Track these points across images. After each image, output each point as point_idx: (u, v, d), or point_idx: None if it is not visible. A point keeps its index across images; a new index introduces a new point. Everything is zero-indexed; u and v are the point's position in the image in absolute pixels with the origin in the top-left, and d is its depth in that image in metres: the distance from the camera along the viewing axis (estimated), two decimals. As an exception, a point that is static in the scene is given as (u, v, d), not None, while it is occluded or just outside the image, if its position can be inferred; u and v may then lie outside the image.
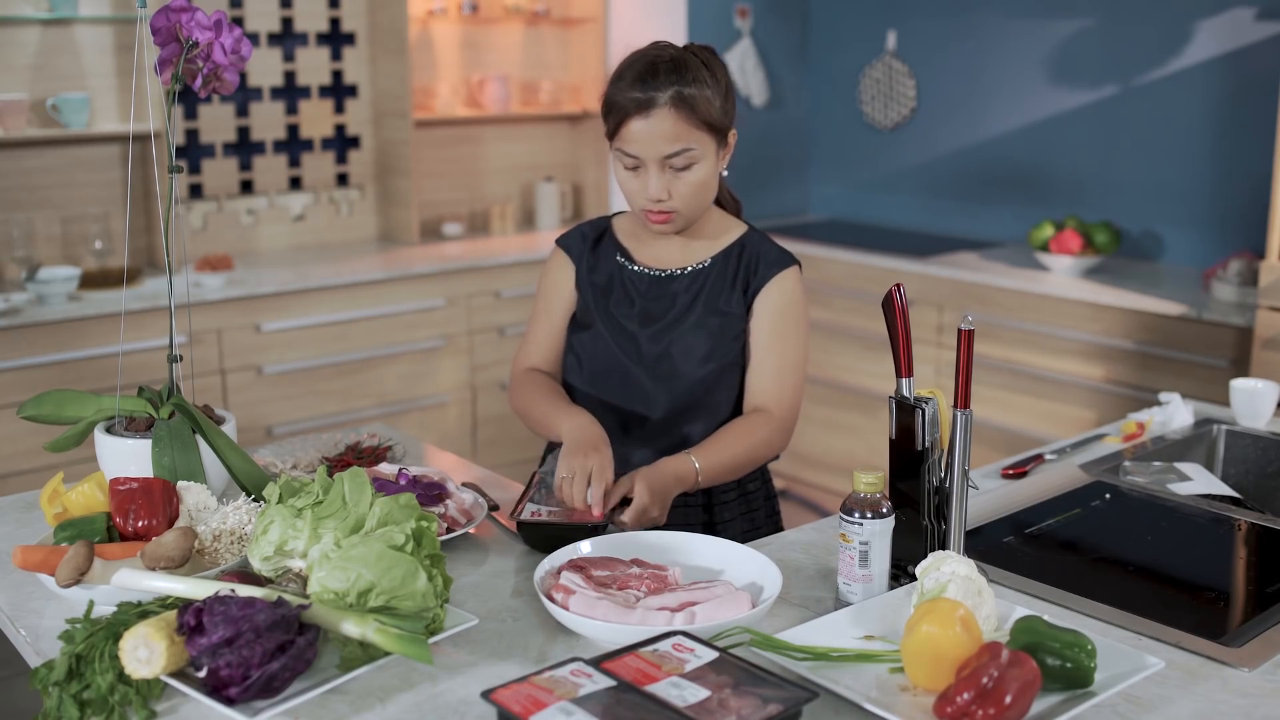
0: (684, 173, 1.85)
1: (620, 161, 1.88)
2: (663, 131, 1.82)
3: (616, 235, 2.05)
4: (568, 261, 2.05)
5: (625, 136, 1.85)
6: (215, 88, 1.82)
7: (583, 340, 2.00)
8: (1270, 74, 3.68)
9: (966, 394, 1.53)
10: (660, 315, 1.97)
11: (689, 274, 1.97)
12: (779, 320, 1.95)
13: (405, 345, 4.00)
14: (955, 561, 1.42)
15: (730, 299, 1.95)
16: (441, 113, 4.39)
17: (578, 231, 2.07)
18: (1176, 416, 2.33)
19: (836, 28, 5.02)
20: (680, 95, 1.82)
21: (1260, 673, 1.39)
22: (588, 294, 2.02)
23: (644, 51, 1.89)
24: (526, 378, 2.04)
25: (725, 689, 1.23)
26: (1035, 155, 4.38)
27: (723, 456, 1.87)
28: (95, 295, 3.52)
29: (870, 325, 4.15)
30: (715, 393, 1.95)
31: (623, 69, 1.88)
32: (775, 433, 1.92)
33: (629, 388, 1.96)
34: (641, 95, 1.82)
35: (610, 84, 1.88)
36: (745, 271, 1.96)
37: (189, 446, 1.75)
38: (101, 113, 3.84)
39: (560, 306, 2.05)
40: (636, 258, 2.01)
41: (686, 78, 1.83)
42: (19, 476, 3.31)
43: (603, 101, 1.90)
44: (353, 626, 1.32)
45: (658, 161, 1.84)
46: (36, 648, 1.46)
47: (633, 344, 1.96)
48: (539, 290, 2.09)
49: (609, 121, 1.88)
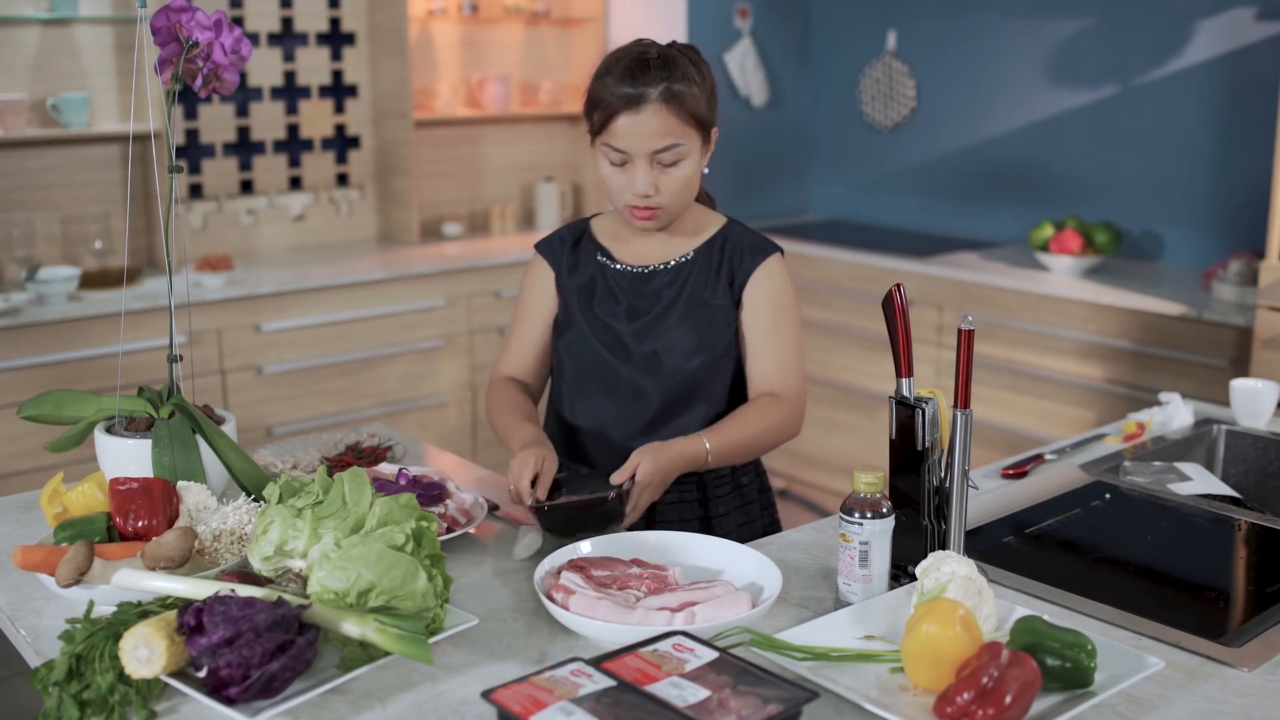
0: (671, 169, 1.86)
1: (606, 157, 1.88)
2: (652, 127, 1.82)
3: (596, 236, 2.04)
4: (546, 266, 2.05)
5: (613, 131, 1.84)
6: (215, 88, 1.82)
7: (568, 343, 2.00)
8: (1270, 74, 3.68)
9: (966, 394, 1.53)
10: (645, 311, 1.96)
11: (671, 268, 1.97)
12: (773, 308, 1.96)
13: (405, 345, 4.00)
14: (955, 561, 1.42)
15: (715, 291, 1.96)
16: (441, 113, 4.39)
17: (556, 236, 2.07)
18: (1176, 416, 2.33)
19: (837, 28, 5.02)
20: (670, 91, 1.82)
21: (1260, 673, 1.39)
22: (570, 296, 2.01)
23: (629, 49, 1.89)
24: (497, 389, 2.04)
25: (725, 689, 1.23)
26: (1035, 155, 4.38)
27: (735, 436, 1.88)
28: (95, 295, 3.52)
29: (870, 325, 4.15)
30: (709, 384, 1.95)
31: (609, 65, 1.87)
32: (788, 415, 1.94)
33: (619, 385, 1.96)
34: (632, 90, 1.82)
35: (595, 80, 1.88)
36: (729, 262, 1.97)
37: (189, 446, 1.75)
38: (101, 113, 3.84)
39: (540, 312, 2.05)
40: (617, 256, 2.01)
41: (675, 74, 1.83)
42: (19, 476, 3.30)
43: (587, 98, 1.89)
44: (353, 626, 1.32)
45: (646, 157, 1.84)
46: (36, 648, 1.46)
47: (619, 342, 1.96)
48: (519, 297, 2.09)
49: (594, 117, 1.88)
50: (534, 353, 2.06)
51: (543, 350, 2.06)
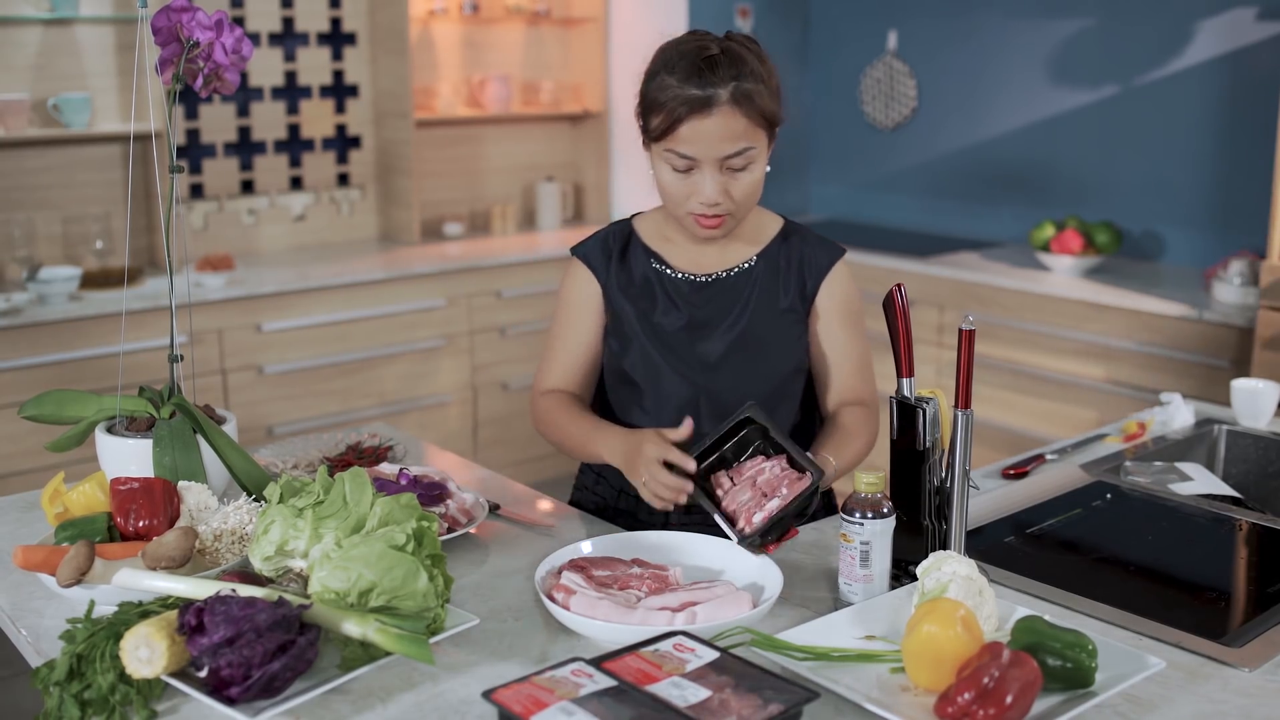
0: (741, 173, 1.74)
1: (668, 163, 1.73)
2: (725, 130, 1.69)
3: (645, 240, 1.89)
4: (590, 275, 1.89)
5: (679, 137, 1.69)
6: (216, 88, 1.82)
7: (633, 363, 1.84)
8: (1270, 74, 3.68)
9: (967, 394, 1.53)
10: (713, 323, 1.84)
11: (735, 275, 1.85)
12: (848, 313, 1.88)
13: (406, 345, 4.00)
14: (956, 561, 1.42)
15: (787, 296, 1.85)
16: (442, 113, 4.39)
17: (599, 243, 1.91)
18: (1177, 416, 2.33)
19: (837, 28, 5.02)
20: (741, 90, 1.68)
21: (1261, 673, 1.39)
22: (624, 309, 1.86)
23: (687, 43, 1.74)
24: (551, 402, 1.88)
25: (726, 689, 1.23)
26: (1036, 155, 4.38)
27: (851, 454, 1.78)
28: (96, 295, 3.52)
29: (871, 325, 4.12)
30: (790, 394, 1.88)
31: (668, 62, 1.72)
32: (877, 426, 1.86)
33: (692, 403, 1.83)
34: (699, 92, 1.67)
35: (653, 80, 1.73)
36: (800, 268, 1.86)
37: (190, 446, 1.75)
38: (102, 113, 3.84)
39: (586, 323, 1.89)
40: (672, 262, 1.87)
41: (744, 71, 1.69)
42: (20, 476, 3.31)
43: (644, 99, 1.75)
44: (354, 626, 1.32)
45: (715, 162, 1.71)
46: (37, 647, 1.46)
47: (688, 357, 1.83)
48: (561, 304, 1.92)
49: (657, 120, 1.72)
50: (583, 365, 1.91)
51: (591, 363, 1.91)
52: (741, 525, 1.57)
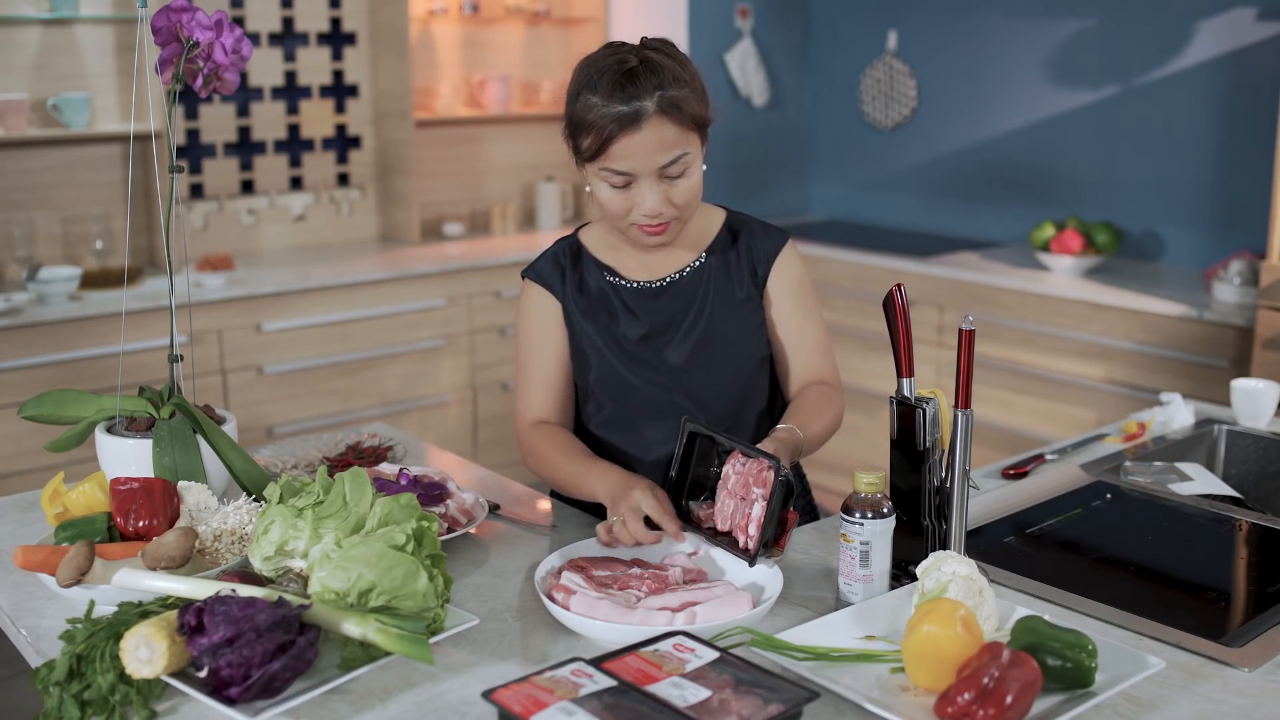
0: (679, 180, 1.72)
1: (605, 181, 1.72)
2: (658, 142, 1.67)
3: (593, 253, 1.89)
4: (548, 296, 1.88)
5: (614, 154, 1.68)
6: (216, 87, 1.82)
7: (600, 380, 1.85)
8: (1270, 74, 3.68)
9: (967, 394, 1.53)
10: (673, 326, 1.85)
11: (689, 275, 1.86)
12: (800, 294, 1.89)
13: (406, 345, 4.00)
14: (956, 561, 1.42)
15: (743, 287, 1.87)
16: (442, 113, 4.39)
17: (549, 261, 1.89)
18: (1177, 416, 2.33)
19: (837, 28, 5.02)
20: (666, 99, 1.67)
21: (1261, 673, 1.39)
22: (581, 326, 1.86)
23: (603, 59, 1.71)
24: (539, 436, 1.85)
25: (726, 689, 1.23)
26: (1036, 155, 4.38)
27: (817, 428, 1.78)
28: (96, 295, 3.52)
29: (871, 325, 4.15)
30: (759, 383, 1.89)
31: (590, 81, 1.70)
32: (842, 402, 1.88)
33: (667, 411, 1.83)
34: (626, 108, 1.66)
35: (577, 100, 1.71)
36: (748, 255, 1.88)
37: (190, 446, 1.75)
38: (102, 112, 3.84)
39: (554, 344, 1.88)
40: (623, 272, 1.87)
41: (667, 79, 1.68)
42: (19, 476, 3.31)
43: (570, 121, 1.73)
44: (353, 626, 1.32)
45: (652, 174, 1.70)
46: (37, 647, 1.46)
47: (655, 365, 1.84)
48: (521, 333, 1.90)
49: (586, 141, 1.70)
50: (560, 389, 1.89)
51: (567, 383, 1.90)
52: (744, 544, 1.57)
